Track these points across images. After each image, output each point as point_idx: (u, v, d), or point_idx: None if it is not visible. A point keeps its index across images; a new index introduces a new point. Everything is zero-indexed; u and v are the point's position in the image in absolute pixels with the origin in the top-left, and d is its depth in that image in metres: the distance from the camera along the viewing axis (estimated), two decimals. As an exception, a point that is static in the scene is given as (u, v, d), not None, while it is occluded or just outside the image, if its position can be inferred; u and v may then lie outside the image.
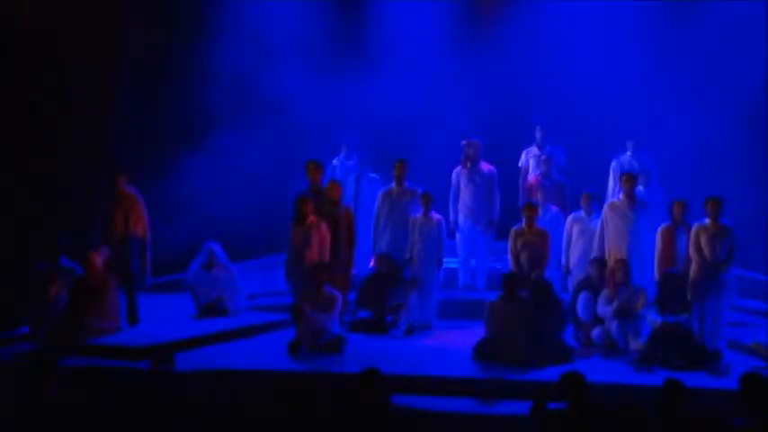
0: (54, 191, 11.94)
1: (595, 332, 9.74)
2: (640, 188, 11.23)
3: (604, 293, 9.76)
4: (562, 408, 6.62)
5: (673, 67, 13.07)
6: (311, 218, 10.34)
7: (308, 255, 10.22)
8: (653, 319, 9.41)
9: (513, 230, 10.56)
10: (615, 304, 9.61)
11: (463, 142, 11.88)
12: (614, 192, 11.90)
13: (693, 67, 12.92)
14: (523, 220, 10.52)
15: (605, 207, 10.61)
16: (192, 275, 11.07)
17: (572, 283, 10.56)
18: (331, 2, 14.07)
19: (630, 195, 10.46)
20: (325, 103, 13.57)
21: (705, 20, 12.78)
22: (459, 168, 11.91)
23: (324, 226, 10.35)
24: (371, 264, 11.11)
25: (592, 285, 10.00)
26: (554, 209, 11.56)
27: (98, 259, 10.11)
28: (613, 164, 12.33)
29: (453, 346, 9.80)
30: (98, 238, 10.44)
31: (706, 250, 9.67)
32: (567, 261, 10.83)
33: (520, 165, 12.72)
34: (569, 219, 10.96)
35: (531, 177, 12.32)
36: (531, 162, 12.57)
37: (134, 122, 12.67)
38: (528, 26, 13.79)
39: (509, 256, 10.55)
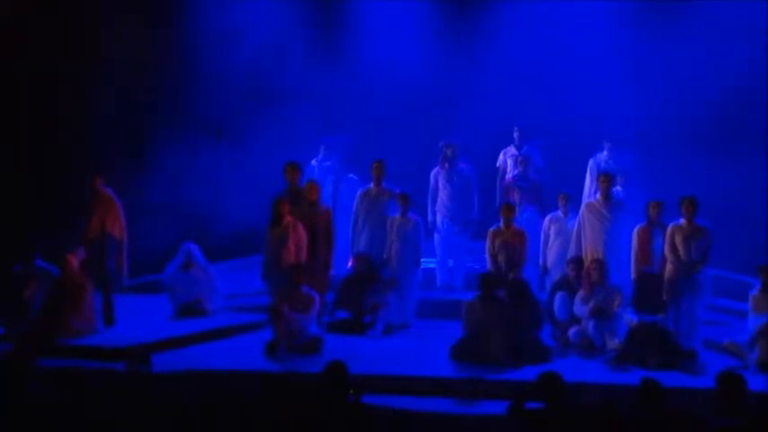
0: (30, 192, 11.87)
1: (572, 332, 9.78)
2: (617, 188, 11.30)
3: (581, 293, 9.82)
4: (540, 408, 6.63)
5: (649, 69, 13.15)
6: (288, 218, 10.31)
7: (284, 255, 10.19)
8: (629, 318, 9.45)
9: (490, 230, 10.57)
10: (592, 304, 9.66)
11: (441, 143, 11.91)
12: (591, 192, 11.94)
13: (669, 68, 13.01)
14: (501, 220, 10.54)
15: (582, 207, 10.67)
16: (169, 276, 11.02)
17: (550, 282, 10.59)
18: (311, 1, 14.04)
19: (607, 195, 10.51)
20: (303, 102, 13.51)
21: (682, 22, 12.88)
22: (437, 169, 11.93)
23: (300, 227, 10.32)
24: (349, 264, 11.09)
25: (569, 285, 10.05)
26: (531, 209, 11.60)
27: (74, 260, 10.07)
28: (590, 164, 12.38)
29: (431, 345, 9.79)
30: (74, 238, 10.35)
31: (681, 250, 9.72)
32: (545, 261, 10.88)
33: (497, 165, 12.73)
34: (547, 219, 11.01)
35: (508, 178, 12.35)
36: (509, 162, 12.59)
37: (112, 123, 12.60)
38: (506, 27, 13.80)
39: (487, 256, 10.57)
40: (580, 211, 10.60)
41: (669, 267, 9.77)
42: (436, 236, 11.97)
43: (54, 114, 12.64)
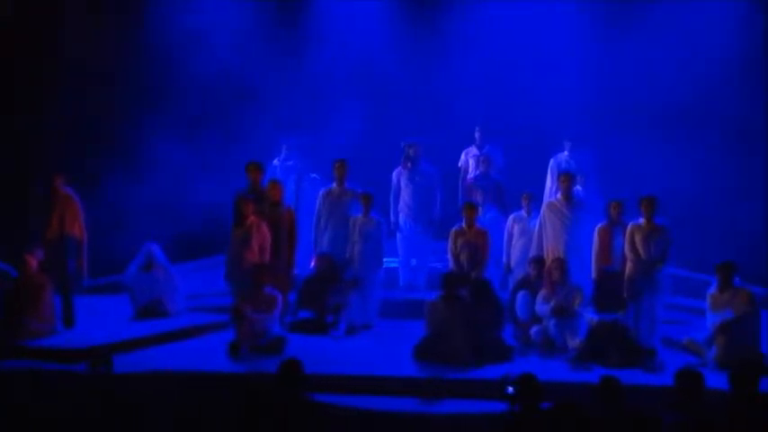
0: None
1: (534, 331, 9.82)
2: (578, 188, 11.38)
3: (542, 292, 9.86)
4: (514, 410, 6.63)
5: (610, 68, 13.24)
6: (251, 218, 10.27)
7: (247, 255, 10.15)
8: (590, 317, 9.51)
9: (453, 230, 10.59)
10: (553, 303, 9.70)
11: (403, 143, 11.93)
12: (552, 191, 12.03)
13: (631, 69, 13.12)
14: (463, 219, 10.57)
15: (543, 206, 10.73)
16: (130, 277, 10.90)
17: (513, 282, 10.64)
18: (274, 1, 14.02)
19: (568, 195, 10.56)
20: (264, 102, 13.49)
21: (645, 22, 13.00)
22: (399, 169, 11.96)
23: (264, 226, 10.29)
24: (312, 264, 11.06)
25: (530, 284, 10.09)
26: (494, 209, 11.65)
27: (33, 260, 9.93)
28: (551, 163, 12.47)
29: (394, 345, 9.78)
30: (33, 238, 10.22)
31: (641, 249, 9.80)
32: (508, 260, 10.94)
33: (459, 165, 12.77)
34: (510, 218, 11.07)
35: (470, 177, 12.39)
36: (471, 162, 12.63)
37: (71, 122, 12.48)
38: (467, 27, 13.88)
39: (449, 256, 10.59)
40: (541, 211, 10.65)
41: (629, 266, 9.85)
42: (399, 235, 11.98)
43: (10, 113, 12.49)
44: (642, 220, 9.87)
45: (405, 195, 11.87)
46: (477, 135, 12.67)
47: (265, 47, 13.64)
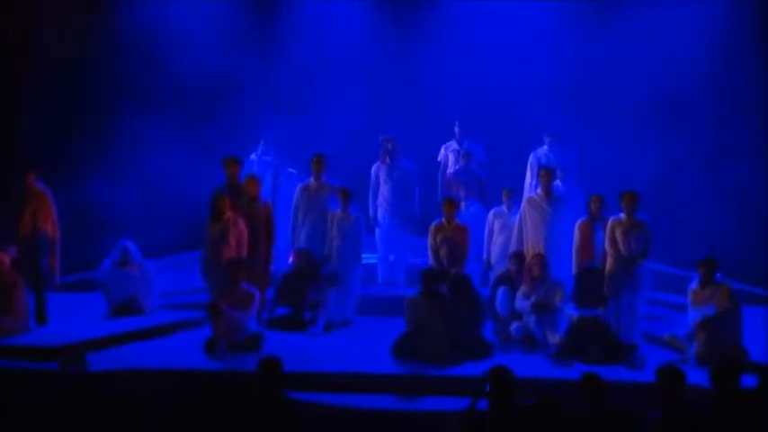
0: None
1: (514, 327, 9.78)
2: (558, 183, 11.34)
3: (522, 288, 9.83)
4: (487, 406, 6.59)
5: (590, 63, 13.25)
6: (228, 214, 10.18)
7: (224, 251, 10.06)
8: (570, 313, 9.47)
9: (432, 225, 10.54)
10: (533, 299, 9.67)
11: (382, 137, 11.89)
12: (532, 186, 12.00)
13: (611, 63, 13.09)
14: (443, 215, 10.50)
15: (523, 202, 10.70)
16: (104, 273, 10.76)
17: (493, 278, 10.57)
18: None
19: (548, 190, 10.53)
20: (242, 97, 13.49)
21: (624, 16, 13.02)
22: (377, 164, 11.92)
23: (241, 222, 10.21)
24: (290, 260, 10.99)
25: (510, 280, 10.05)
26: (477, 204, 11.61)
27: (5, 258, 9.80)
28: (531, 158, 12.44)
29: (372, 342, 9.74)
30: (6, 235, 10.08)
31: (621, 244, 9.78)
32: (489, 256, 10.88)
33: (439, 159, 12.77)
34: (491, 213, 11.02)
35: (450, 172, 12.31)
36: (451, 157, 12.63)
37: (46, 118, 12.35)
38: (446, 22, 13.87)
39: (428, 252, 10.54)
40: (521, 206, 10.62)
41: (609, 262, 9.85)
42: (377, 231, 11.93)
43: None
44: (623, 216, 9.84)
45: (383, 190, 11.83)
46: (456, 130, 12.69)
47: (247, 40, 13.62)
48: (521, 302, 9.77)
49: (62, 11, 12.49)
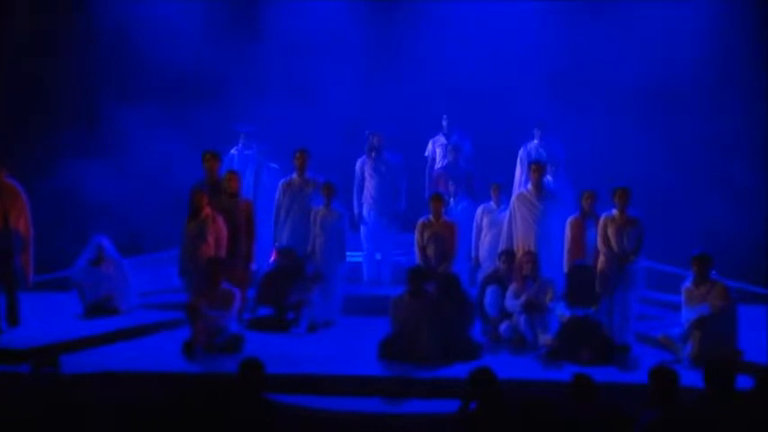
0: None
1: (503, 327, 9.68)
2: (548, 178, 11.18)
3: (513, 287, 9.73)
4: (474, 408, 6.52)
5: (581, 56, 13.25)
6: (206, 211, 9.99)
7: (203, 250, 9.87)
8: (561, 312, 9.37)
9: (419, 222, 10.40)
10: (523, 298, 9.56)
11: (367, 132, 11.83)
12: (522, 181, 11.91)
13: (602, 57, 13.04)
14: (430, 211, 10.36)
15: (513, 198, 10.59)
16: (78, 272, 10.61)
17: (482, 276, 10.44)
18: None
19: (538, 186, 10.39)
20: (226, 90, 13.44)
21: (614, 8, 13.11)
22: (363, 158, 11.84)
23: (220, 219, 10.04)
24: (272, 258, 10.88)
25: (500, 279, 9.95)
26: (467, 200, 11.51)
27: (-25, 257, 9.60)
28: (521, 152, 12.36)
29: (358, 343, 9.65)
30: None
31: (613, 241, 9.65)
32: (477, 253, 10.75)
33: (426, 154, 12.72)
34: (479, 210, 10.90)
35: (438, 167, 12.20)
36: (438, 151, 12.57)
37: (16, 108, 12.17)
38: (435, 17, 13.89)
39: (415, 249, 10.40)
40: (511, 202, 10.50)
41: (602, 259, 9.72)
42: (363, 228, 11.86)
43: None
44: (615, 212, 9.72)
45: (369, 186, 11.76)
46: (444, 123, 12.68)
47: (220, 35, 13.60)
48: (510, 302, 9.66)
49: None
